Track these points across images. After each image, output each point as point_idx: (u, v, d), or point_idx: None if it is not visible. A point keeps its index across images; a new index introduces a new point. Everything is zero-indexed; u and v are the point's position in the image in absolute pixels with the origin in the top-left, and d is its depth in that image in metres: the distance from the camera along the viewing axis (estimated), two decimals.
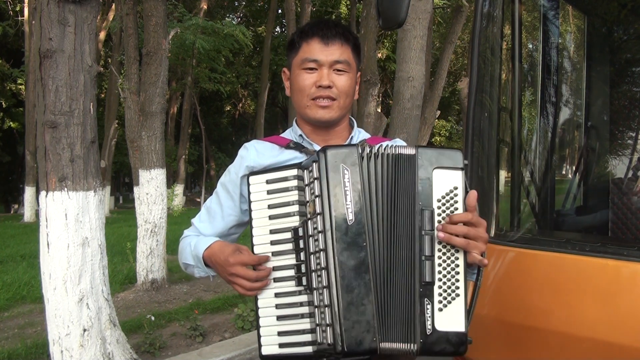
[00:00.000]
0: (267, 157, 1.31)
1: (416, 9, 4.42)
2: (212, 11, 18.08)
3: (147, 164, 5.42)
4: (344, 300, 1.04)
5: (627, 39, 2.43)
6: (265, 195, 1.16)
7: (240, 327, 4.32)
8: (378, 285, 1.07)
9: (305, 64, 1.25)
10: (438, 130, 24.43)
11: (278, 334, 1.12)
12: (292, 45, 1.30)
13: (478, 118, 1.85)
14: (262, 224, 1.15)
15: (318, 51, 1.24)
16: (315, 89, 1.25)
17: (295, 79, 1.28)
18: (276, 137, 1.37)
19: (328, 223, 1.07)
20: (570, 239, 1.62)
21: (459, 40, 14.65)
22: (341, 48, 1.25)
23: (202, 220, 1.37)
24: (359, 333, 1.04)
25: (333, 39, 1.24)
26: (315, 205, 1.09)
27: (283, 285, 1.13)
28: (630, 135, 2.42)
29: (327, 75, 1.24)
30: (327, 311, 1.06)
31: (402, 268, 1.08)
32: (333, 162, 1.08)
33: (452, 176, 1.10)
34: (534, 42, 2.32)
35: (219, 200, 1.36)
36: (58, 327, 2.94)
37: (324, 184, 1.08)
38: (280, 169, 1.18)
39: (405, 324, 1.07)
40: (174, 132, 20.78)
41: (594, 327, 1.43)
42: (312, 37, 1.25)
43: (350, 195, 1.07)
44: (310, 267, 1.10)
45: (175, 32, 8.57)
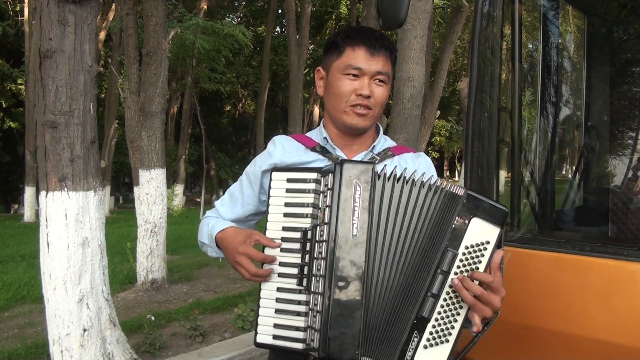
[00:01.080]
0: (292, 155, 1.34)
1: (416, 9, 4.42)
2: (212, 11, 18.07)
3: (147, 164, 5.42)
4: (334, 310, 1.08)
5: (627, 39, 2.43)
6: (284, 193, 1.20)
7: (240, 327, 4.32)
8: (370, 303, 1.10)
9: (348, 70, 1.27)
10: (438, 130, 24.43)
11: (274, 326, 1.16)
12: (334, 47, 1.31)
13: (478, 118, 1.85)
14: (276, 219, 1.20)
15: (363, 60, 1.26)
16: (354, 97, 1.27)
17: (334, 82, 1.30)
18: (304, 136, 1.40)
19: (333, 234, 1.10)
20: (570, 239, 1.62)
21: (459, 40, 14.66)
22: (385, 60, 1.28)
23: (224, 204, 1.44)
24: (342, 343, 1.07)
25: (379, 51, 1.26)
26: (325, 214, 1.13)
27: (286, 281, 1.17)
28: (630, 135, 2.42)
29: (368, 85, 1.26)
30: (319, 317, 1.10)
31: (401, 292, 1.12)
32: (347, 177, 1.12)
33: (489, 230, 1.11)
34: (534, 42, 2.32)
35: (241, 188, 1.42)
36: (58, 327, 2.94)
37: (335, 196, 1.12)
38: (302, 170, 1.22)
39: (388, 346, 1.10)
40: (174, 132, 20.78)
41: (594, 327, 1.43)
42: (359, 44, 1.26)
43: (358, 211, 1.10)
44: (311, 271, 1.14)
45: (175, 32, 8.57)
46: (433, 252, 1.11)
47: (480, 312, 1.08)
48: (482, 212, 1.11)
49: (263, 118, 16.11)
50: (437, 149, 28.52)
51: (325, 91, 1.35)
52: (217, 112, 26.43)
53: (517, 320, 1.58)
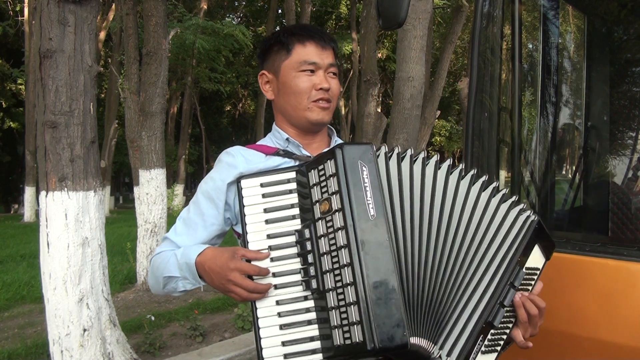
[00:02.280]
0: (255, 162, 1.26)
1: (416, 9, 4.42)
2: (212, 11, 18.08)
3: (147, 164, 5.42)
4: (373, 296, 1.00)
5: (627, 39, 2.43)
6: (260, 199, 1.12)
7: (240, 327, 4.32)
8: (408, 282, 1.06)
9: (303, 66, 1.25)
10: (438, 130, 24.43)
11: (282, 344, 1.05)
12: (279, 47, 1.28)
13: (478, 118, 1.85)
14: (258, 228, 1.11)
15: (316, 54, 1.26)
16: (315, 92, 1.26)
17: (290, 81, 1.26)
18: (259, 145, 1.33)
19: (349, 219, 1.03)
20: (570, 239, 1.61)
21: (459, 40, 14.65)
22: (332, 54, 1.30)
23: (179, 233, 1.27)
24: (390, 328, 1.00)
25: (328, 44, 1.28)
26: (332, 202, 1.06)
27: (286, 291, 1.08)
28: (630, 135, 2.42)
29: (325, 78, 1.27)
30: (353, 309, 1.00)
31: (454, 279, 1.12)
32: (351, 159, 1.07)
33: (541, 260, 1.21)
34: (534, 42, 2.32)
35: (199, 209, 1.27)
36: (58, 327, 2.94)
37: (342, 180, 1.05)
38: (275, 171, 1.15)
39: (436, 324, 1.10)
40: (174, 132, 20.77)
41: (593, 327, 1.43)
42: (308, 39, 1.26)
43: (370, 191, 1.05)
44: (321, 269, 1.06)
45: (175, 32, 8.58)
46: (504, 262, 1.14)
47: (525, 330, 1.16)
48: (543, 241, 1.19)
49: (263, 118, 16.10)
50: (437, 149, 28.52)
51: (278, 93, 1.30)
52: (217, 112, 26.43)
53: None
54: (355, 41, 14.33)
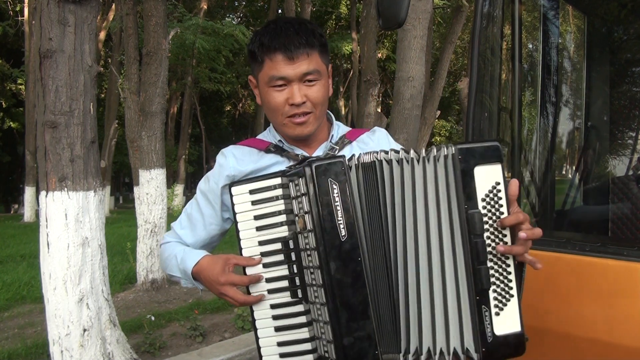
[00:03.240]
0: (246, 162, 1.26)
1: (416, 9, 4.42)
2: (212, 11, 18.07)
3: (147, 164, 5.42)
4: (343, 317, 1.02)
5: (627, 39, 2.43)
6: (250, 206, 1.12)
7: (240, 327, 4.32)
8: (376, 298, 1.05)
9: (272, 82, 1.17)
10: (438, 130, 24.43)
11: (278, 345, 1.11)
12: (253, 57, 1.20)
13: (478, 118, 1.85)
14: (249, 235, 1.12)
15: (284, 67, 1.15)
16: (288, 107, 1.18)
17: (265, 96, 1.21)
18: (254, 140, 1.32)
19: (320, 241, 1.03)
20: (570, 239, 1.61)
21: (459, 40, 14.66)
22: (308, 59, 1.16)
23: (183, 226, 1.33)
24: (360, 348, 1.02)
25: (297, 52, 1.14)
26: (306, 221, 1.05)
27: (278, 296, 1.11)
28: (630, 135, 2.42)
29: (299, 91, 1.16)
30: (327, 328, 1.04)
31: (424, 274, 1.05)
32: (320, 178, 1.03)
33: (493, 171, 1.04)
34: (534, 42, 2.32)
35: (199, 208, 1.31)
36: (58, 327, 2.94)
37: (313, 200, 1.03)
38: (264, 177, 1.13)
39: (412, 333, 1.05)
40: (174, 132, 20.77)
41: (593, 327, 1.43)
42: (275, 52, 1.14)
43: (340, 210, 1.03)
44: (304, 281, 1.08)
45: (175, 32, 8.57)
46: (455, 222, 1.03)
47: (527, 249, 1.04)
48: (480, 158, 1.03)
49: (263, 118, 16.09)
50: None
51: (262, 102, 1.25)
52: (217, 112, 26.44)
53: None
54: (355, 41, 14.34)
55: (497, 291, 1.04)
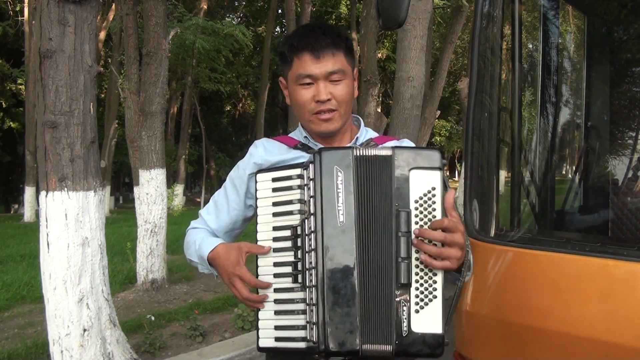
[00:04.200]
0: (274, 154, 1.34)
1: (416, 9, 4.42)
2: (212, 11, 18.08)
3: (147, 164, 5.42)
4: (330, 301, 1.06)
5: (627, 39, 2.43)
6: (270, 193, 1.18)
7: (240, 327, 4.32)
8: (362, 287, 1.08)
9: (300, 80, 1.25)
10: (438, 130, 24.43)
11: (275, 328, 1.15)
12: (283, 59, 1.30)
13: (478, 118, 1.85)
14: (266, 220, 1.19)
15: (310, 66, 1.23)
16: (314, 104, 1.25)
17: (292, 94, 1.29)
18: (285, 137, 1.39)
19: (319, 224, 1.09)
20: (570, 239, 1.62)
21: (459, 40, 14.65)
22: (333, 58, 1.24)
23: (209, 212, 1.41)
24: (342, 334, 1.06)
25: (323, 51, 1.23)
26: (310, 205, 1.11)
27: (282, 281, 1.16)
28: (630, 135, 2.42)
29: (324, 88, 1.23)
30: (314, 310, 1.08)
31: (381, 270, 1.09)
32: (327, 164, 1.10)
33: (430, 176, 1.10)
34: (534, 42, 2.32)
35: (226, 194, 1.39)
36: (58, 327, 2.94)
37: (318, 185, 1.10)
38: (286, 167, 1.21)
39: (384, 325, 1.08)
40: (174, 132, 20.78)
41: (593, 327, 1.43)
42: (303, 51, 1.24)
43: (342, 197, 1.08)
44: (305, 266, 1.12)
45: (175, 32, 8.57)
46: (390, 219, 1.09)
47: (448, 256, 1.07)
48: (416, 161, 1.10)
49: (263, 118, 16.11)
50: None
51: (290, 101, 1.33)
52: (217, 112, 26.44)
53: (517, 320, 1.58)
54: (355, 41, 14.34)
55: (419, 289, 1.08)
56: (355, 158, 1.11)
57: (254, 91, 23.93)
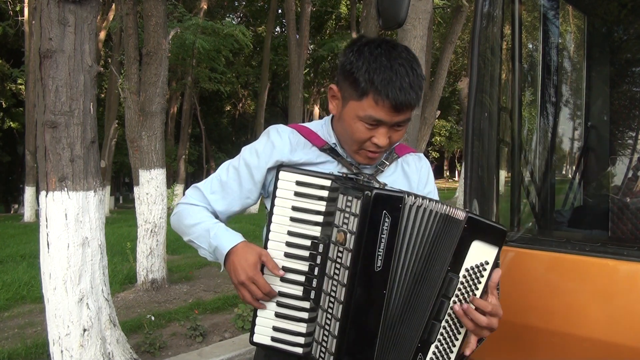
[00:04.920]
0: (299, 154, 1.25)
1: (416, 9, 4.42)
2: (212, 11, 18.07)
3: (147, 164, 5.42)
4: (351, 337, 1.07)
5: (627, 39, 2.43)
6: (291, 195, 1.16)
7: (240, 327, 4.32)
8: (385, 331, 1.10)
9: (367, 120, 1.14)
10: (438, 130, 24.44)
11: (273, 329, 1.16)
12: (355, 84, 1.14)
13: (478, 118, 1.85)
14: (281, 221, 1.16)
15: (386, 115, 1.13)
16: (370, 144, 1.18)
17: (349, 121, 1.18)
18: (310, 131, 1.29)
19: (357, 265, 1.06)
20: (570, 239, 1.62)
21: (459, 40, 14.65)
22: (409, 112, 1.15)
23: (214, 191, 1.30)
24: None
25: (405, 108, 1.13)
26: (347, 238, 1.07)
27: (290, 287, 1.15)
28: (630, 135, 2.42)
29: (386, 134, 1.16)
30: (331, 340, 1.09)
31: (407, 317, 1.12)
32: (376, 208, 1.05)
33: (488, 251, 1.12)
34: (534, 42, 2.32)
35: (239, 178, 1.28)
36: (58, 327, 2.94)
37: (361, 224, 1.05)
38: (314, 174, 1.16)
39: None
40: (174, 132, 20.77)
41: (593, 327, 1.43)
42: (385, 99, 1.11)
43: (384, 243, 1.06)
44: (321, 286, 1.12)
45: (175, 32, 8.57)
46: (435, 277, 1.11)
47: (479, 335, 1.14)
48: (482, 234, 1.11)
49: (263, 118, 16.10)
50: (437, 149, 28.51)
51: (339, 118, 1.23)
52: (217, 112, 26.45)
53: (517, 320, 1.58)
54: None
55: (438, 348, 1.13)
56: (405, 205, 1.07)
57: (254, 91, 23.93)
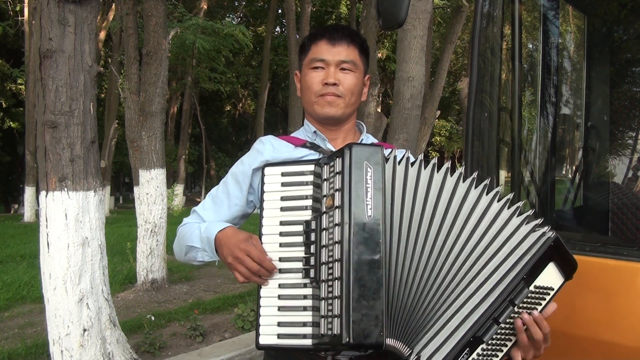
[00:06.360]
0: (282, 152, 1.34)
1: (416, 9, 4.42)
2: (212, 11, 18.07)
3: (147, 164, 5.42)
4: (355, 292, 1.03)
5: (627, 39, 2.43)
6: (279, 187, 1.18)
7: (240, 327, 4.32)
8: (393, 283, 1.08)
9: (313, 64, 1.32)
10: (438, 130, 24.44)
11: (278, 325, 1.12)
12: (302, 48, 1.37)
13: (478, 118, 1.85)
14: (272, 214, 1.17)
15: (325, 51, 1.31)
16: (322, 87, 1.31)
17: (304, 78, 1.35)
18: (290, 136, 1.41)
19: (346, 216, 1.06)
20: (570, 239, 1.61)
21: (459, 40, 14.66)
22: (347, 49, 1.31)
23: (206, 208, 1.38)
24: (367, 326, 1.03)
25: (340, 40, 1.31)
26: (335, 198, 1.09)
27: (288, 276, 1.14)
28: (630, 135, 2.42)
29: (334, 74, 1.30)
30: (336, 302, 1.05)
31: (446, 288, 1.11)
32: (357, 159, 1.08)
33: (557, 278, 1.15)
34: (534, 42, 2.32)
35: (226, 189, 1.37)
36: (58, 327, 2.94)
37: (346, 178, 1.08)
38: (297, 162, 1.20)
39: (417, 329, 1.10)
40: (174, 132, 20.77)
41: (594, 327, 1.43)
42: (320, 38, 1.32)
43: (371, 192, 1.07)
44: (320, 260, 1.10)
45: (175, 32, 8.57)
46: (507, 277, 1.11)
47: (525, 353, 1.13)
48: (560, 259, 1.14)
49: (263, 118, 16.10)
50: (437, 149, 28.51)
51: (301, 90, 1.39)
52: (217, 112, 26.44)
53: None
54: None
55: (485, 350, 1.11)
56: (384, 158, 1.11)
57: (254, 91, 23.93)
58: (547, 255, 1.12)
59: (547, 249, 1.12)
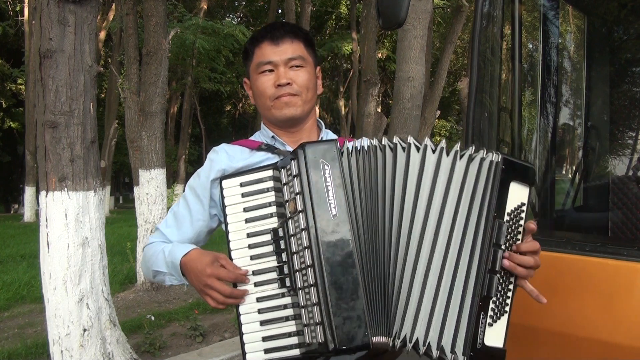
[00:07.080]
0: (238, 159, 1.29)
1: (416, 9, 4.42)
2: (212, 11, 18.06)
3: (147, 164, 5.42)
4: (333, 297, 1.01)
5: (627, 39, 2.43)
6: (240, 199, 1.13)
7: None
8: (369, 280, 1.04)
9: (261, 68, 1.27)
10: (438, 130, 24.44)
11: (262, 340, 1.08)
12: (246, 54, 1.32)
13: (478, 118, 1.85)
14: (238, 227, 1.12)
15: (270, 53, 1.25)
16: (275, 89, 1.26)
17: (254, 84, 1.30)
18: (245, 140, 1.36)
19: (311, 220, 1.03)
20: (570, 239, 1.62)
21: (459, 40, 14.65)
22: (292, 45, 1.26)
23: (169, 225, 1.32)
24: (350, 329, 1.00)
25: (282, 38, 1.26)
26: (297, 202, 1.06)
27: (265, 288, 1.10)
28: (630, 135, 2.43)
29: (285, 73, 1.25)
30: (316, 309, 1.02)
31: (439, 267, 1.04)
32: (312, 158, 1.05)
33: (522, 192, 1.07)
34: (534, 42, 2.33)
35: (187, 204, 1.31)
36: (58, 327, 2.94)
37: (304, 180, 1.05)
38: (255, 170, 1.15)
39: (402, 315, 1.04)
40: (174, 132, 20.76)
41: (593, 327, 1.43)
42: (262, 40, 1.27)
43: (332, 190, 1.04)
44: (293, 267, 1.07)
45: (175, 32, 8.57)
46: (479, 225, 1.03)
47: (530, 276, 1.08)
48: (517, 174, 1.06)
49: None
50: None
51: (254, 97, 1.33)
52: (217, 112, 26.43)
53: (517, 320, 1.58)
54: (355, 41, 14.33)
55: (495, 303, 1.05)
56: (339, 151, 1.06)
57: None
58: (504, 181, 1.04)
59: (501, 174, 1.04)
